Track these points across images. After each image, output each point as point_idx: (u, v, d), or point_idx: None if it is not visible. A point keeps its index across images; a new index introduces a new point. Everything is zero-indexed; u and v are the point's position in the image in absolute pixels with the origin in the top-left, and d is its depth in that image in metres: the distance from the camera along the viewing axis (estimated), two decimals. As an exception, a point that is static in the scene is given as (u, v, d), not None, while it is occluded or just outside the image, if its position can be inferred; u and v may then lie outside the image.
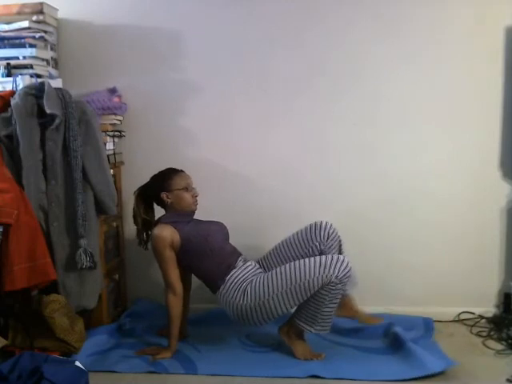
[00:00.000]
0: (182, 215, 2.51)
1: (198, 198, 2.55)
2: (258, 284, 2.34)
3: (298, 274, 2.26)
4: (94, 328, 2.57)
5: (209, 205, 2.68)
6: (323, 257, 2.27)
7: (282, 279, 2.29)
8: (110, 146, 2.74)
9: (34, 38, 2.61)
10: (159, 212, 2.61)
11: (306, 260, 2.29)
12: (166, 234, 2.41)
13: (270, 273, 2.35)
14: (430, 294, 2.85)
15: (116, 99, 2.81)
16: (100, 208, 2.42)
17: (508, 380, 2.15)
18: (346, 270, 2.24)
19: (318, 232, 2.47)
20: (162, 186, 2.52)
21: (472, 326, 2.72)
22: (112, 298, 2.83)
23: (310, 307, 2.30)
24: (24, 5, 2.64)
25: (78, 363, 1.83)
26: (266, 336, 2.59)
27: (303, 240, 2.48)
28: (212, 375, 2.25)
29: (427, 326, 2.68)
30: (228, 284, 2.39)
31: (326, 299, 2.26)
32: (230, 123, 2.90)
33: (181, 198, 2.51)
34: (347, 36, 2.79)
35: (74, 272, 2.31)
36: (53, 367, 1.74)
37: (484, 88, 2.75)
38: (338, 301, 2.31)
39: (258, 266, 2.50)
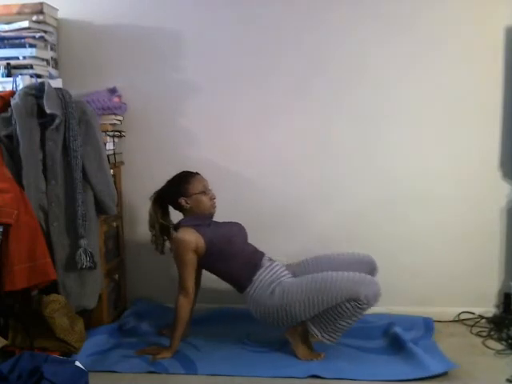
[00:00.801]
0: (201, 218, 2.48)
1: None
2: (287, 286, 2.33)
3: (329, 283, 2.25)
4: (94, 328, 2.57)
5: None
6: (357, 273, 2.26)
7: (312, 286, 2.27)
8: (110, 146, 2.74)
9: (34, 37, 2.61)
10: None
11: (340, 272, 2.28)
12: (191, 238, 2.39)
13: (301, 278, 2.34)
14: (430, 294, 2.85)
15: (116, 99, 2.81)
16: (100, 208, 2.42)
17: (508, 380, 2.15)
18: (377, 294, 2.24)
19: (367, 267, 2.43)
20: (179, 191, 2.49)
21: (472, 326, 2.71)
22: (112, 298, 2.83)
23: (328, 315, 2.28)
24: (24, 5, 2.64)
25: (77, 363, 1.84)
26: (266, 336, 2.58)
27: (347, 266, 2.41)
28: (212, 375, 2.25)
29: (427, 325, 2.68)
30: (255, 284, 2.38)
31: (347, 313, 2.24)
32: (230, 123, 2.90)
33: (199, 201, 2.48)
34: (347, 36, 2.79)
35: (74, 272, 2.31)
36: (53, 367, 1.74)
37: (484, 88, 2.75)
38: (356, 319, 2.29)
39: (284, 267, 2.47)
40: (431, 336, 2.58)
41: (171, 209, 2.60)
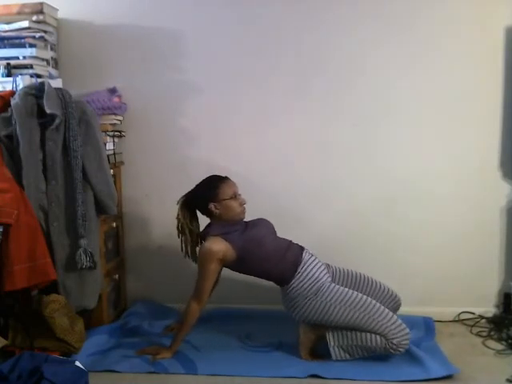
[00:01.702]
0: (230, 225, 2.43)
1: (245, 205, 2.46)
2: (333, 290, 2.31)
3: (375, 311, 2.25)
4: (94, 328, 2.57)
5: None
6: (399, 320, 2.26)
7: (360, 303, 2.27)
8: (110, 146, 2.74)
9: (34, 37, 2.61)
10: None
11: (386, 310, 2.27)
12: (218, 248, 2.34)
13: (352, 291, 2.33)
14: (430, 294, 2.85)
15: (116, 99, 2.81)
16: (100, 208, 2.42)
17: (508, 380, 2.15)
18: (405, 348, 2.24)
19: (393, 305, 2.43)
20: (209, 195, 2.41)
21: (472, 326, 2.72)
22: (112, 298, 2.83)
23: (353, 336, 2.28)
24: (24, 5, 2.64)
25: (77, 363, 1.84)
26: (266, 336, 2.59)
27: (378, 296, 2.43)
28: (212, 375, 2.25)
29: (427, 325, 2.68)
30: (300, 279, 2.35)
31: (372, 344, 2.24)
32: (229, 123, 2.90)
33: (229, 207, 2.41)
34: (347, 36, 2.79)
35: (74, 272, 2.31)
36: (53, 367, 1.74)
37: (484, 88, 2.75)
38: (371, 354, 2.29)
39: (324, 266, 2.44)
40: (433, 337, 2.57)
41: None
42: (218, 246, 2.34)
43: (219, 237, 2.37)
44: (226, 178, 2.46)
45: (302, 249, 2.46)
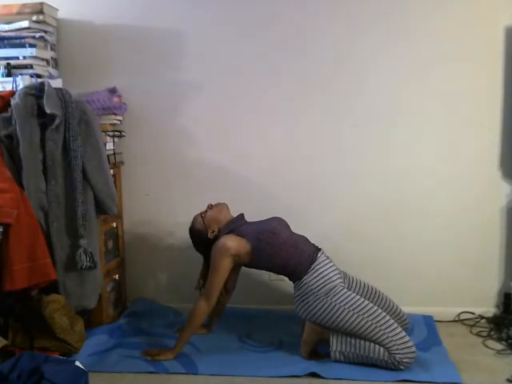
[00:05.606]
0: (233, 222, 2.49)
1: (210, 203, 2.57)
2: (344, 294, 2.30)
3: (384, 322, 2.23)
4: (94, 328, 2.57)
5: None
6: (407, 337, 2.24)
7: (371, 312, 2.25)
8: (110, 146, 2.74)
9: (34, 37, 2.61)
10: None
11: (395, 324, 2.25)
12: (231, 244, 2.37)
13: (361, 298, 2.31)
14: (430, 293, 2.85)
15: (116, 99, 2.81)
16: (100, 208, 2.42)
17: (508, 380, 2.15)
18: (407, 367, 2.22)
19: (399, 324, 2.36)
20: (201, 234, 2.53)
21: (472, 326, 2.72)
22: (112, 298, 2.83)
23: (357, 342, 2.26)
24: (24, 5, 2.64)
25: (78, 363, 1.83)
26: (266, 336, 2.59)
27: (385, 309, 2.40)
28: (212, 375, 2.25)
29: (428, 324, 2.69)
30: (313, 276, 2.34)
31: (374, 353, 2.23)
32: (230, 123, 2.90)
33: (211, 219, 2.51)
34: (348, 37, 2.79)
35: (74, 272, 2.31)
36: (53, 367, 1.74)
37: (484, 88, 2.75)
38: (371, 362, 2.26)
39: (339, 271, 2.43)
40: (440, 340, 2.54)
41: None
42: (231, 242, 2.38)
43: (231, 234, 2.42)
44: (193, 220, 2.59)
45: (318, 249, 2.47)
